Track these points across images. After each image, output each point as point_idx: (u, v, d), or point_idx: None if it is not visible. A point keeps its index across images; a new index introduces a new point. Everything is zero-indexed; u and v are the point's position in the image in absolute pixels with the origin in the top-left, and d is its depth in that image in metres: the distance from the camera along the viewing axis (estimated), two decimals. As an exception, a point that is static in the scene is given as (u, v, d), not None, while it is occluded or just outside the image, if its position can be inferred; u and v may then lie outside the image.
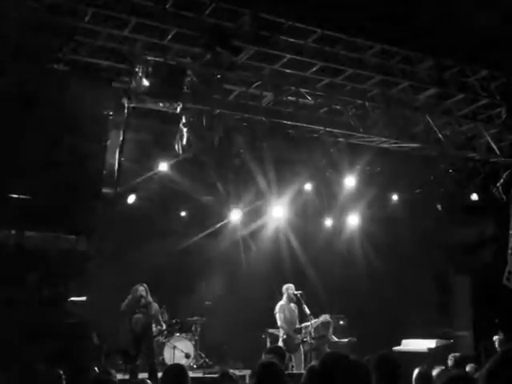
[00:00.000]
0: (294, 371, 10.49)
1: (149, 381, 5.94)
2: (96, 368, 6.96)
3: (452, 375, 4.06)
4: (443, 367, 6.73)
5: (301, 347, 11.06)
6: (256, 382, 4.50)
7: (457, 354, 7.90)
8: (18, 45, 7.72)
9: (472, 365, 7.07)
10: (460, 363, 7.12)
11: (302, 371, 8.77)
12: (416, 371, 6.06)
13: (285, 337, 10.93)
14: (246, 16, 8.46)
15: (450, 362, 7.80)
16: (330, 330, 11.77)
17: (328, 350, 11.45)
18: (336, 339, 11.81)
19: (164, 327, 11.03)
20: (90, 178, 8.36)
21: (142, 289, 10.31)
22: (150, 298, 10.37)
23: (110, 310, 10.91)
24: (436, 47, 9.65)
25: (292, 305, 11.18)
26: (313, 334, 11.48)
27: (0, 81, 7.58)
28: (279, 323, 11.04)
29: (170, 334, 12.30)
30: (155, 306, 10.47)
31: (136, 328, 10.18)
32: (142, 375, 10.23)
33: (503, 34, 9.14)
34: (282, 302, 11.14)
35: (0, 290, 7.60)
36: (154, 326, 10.65)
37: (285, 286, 11.33)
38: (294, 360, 10.84)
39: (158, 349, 11.66)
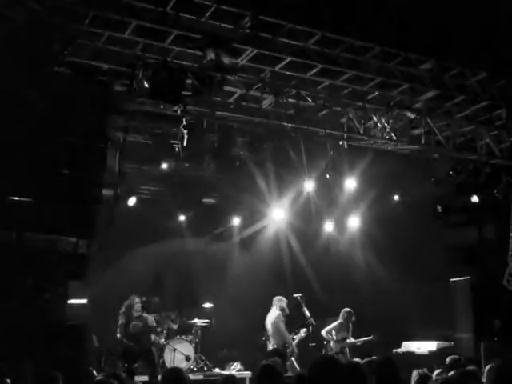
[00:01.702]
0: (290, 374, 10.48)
1: None
2: (94, 371, 6.95)
3: (447, 378, 4.06)
4: (442, 369, 6.72)
5: (292, 359, 11.01)
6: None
7: (455, 357, 7.86)
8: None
9: (472, 367, 7.04)
10: (454, 365, 7.07)
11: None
12: (415, 373, 6.06)
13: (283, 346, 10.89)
14: (246, 18, 8.47)
15: (446, 365, 7.76)
16: (350, 331, 11.75)
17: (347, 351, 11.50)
18: (354, 340, 11.77)
19: (159, 330, 11.03)
20: (91, 180, 8.36)
21: (137, 300, 10.34)
22: (142, 314, 10.41)
23: (110, 312, 10.92)
24: (436, 49, 9.65)
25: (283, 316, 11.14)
26: (335, 337, 11.52)
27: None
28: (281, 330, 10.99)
29: (167, 330, 12.29)
30: (150, 317, 10.50)
31: (134, 331, 10.20)
32: (143, 378, 10.25)
33: (504, 35, 9.14)
34: (279, 313, 11.05)
35: (0, 292, 7.60)
36: (153, 336, 10.69)
37: (276, 298, 11.25)
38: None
39: (158, 351, 11.65)
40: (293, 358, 10.93)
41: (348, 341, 11.63)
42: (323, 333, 11.59)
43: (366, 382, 4.44)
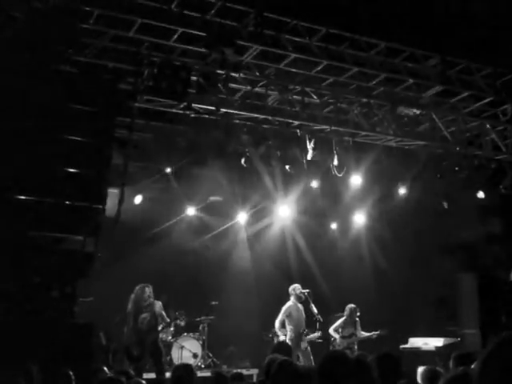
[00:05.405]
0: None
1: (144, 382, 5.94)
2: (105, 368, 6.97)
3: (453, 375, 4.06)
4: (448, 366, 6.70)
5: (308, 347, 11.07)
6: (272, 381, 4.50)
7: (462, 352, 7.83)
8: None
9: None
10: (460, 362, 7.05)
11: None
12: (421, 369, 6.04)
13: (293, 335, 10.92)
14: (251, 15, 8.47)
15: (451, 361, 7.73)
16: (358, 326, 11.75)
17: (355, 347, 11.51)
18: (365, 334, 11.77)
19: (168, 320, 11.01)
20: (97, 179, 8.37)
21: (147, 290, 10.33)
22: (151, 300, 10.41)
23: (116, 310, 10.94)
24: (441, 45, 9.64)
25: (299, 305, 11.18)
26: (342, 333, 11.54)
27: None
28: (276, 325, 11.03)
29: (175, 327, 12.29)
30: (158, 303, 10.49)
31: (142, 327, 10.20)
32: (151, 375, 10.27)
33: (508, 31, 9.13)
34: (290, 303, 11.12)
35: (8, 290, 7.63)
36: (160, 323, 10.65)
37: (291, 287, 11.30)
38: (302, 359, 10.82)
39: (166, 348, 11.67)
40: (309, 348, 11.00)
41: (355, 336, 11.64)
42: (331, 331, 11.62)
43: (372, 376, 4.47)
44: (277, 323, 11.04)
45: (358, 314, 11.76)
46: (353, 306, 11.73)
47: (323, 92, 10.56)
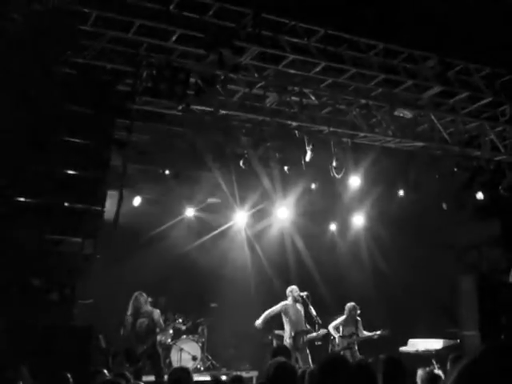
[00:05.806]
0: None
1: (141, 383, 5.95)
2: (105, 371, 6.96)
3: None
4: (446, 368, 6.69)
5: (306, 348, 11.02)
6: (271, 383, 4.48)
7: (457, 355, 7.82)
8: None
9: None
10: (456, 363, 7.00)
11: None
12: (420, 371, 6.01)
13: (290, 335, 10.88)
14: (249, 16, 8.46)
15: (448, 363, 7.73)
16: (360, 326, 11.71)
17: (356, 348, 11.47)
18: (367, 334, 11.72)
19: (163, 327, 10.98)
20: (96, 181, 8.36)
21: (142, 298, 10.34)
22: (149, 307, 10.42)
23: (116, 312, 10.92)
24: (440, 45, 9.63)
25: (298, 305, 11.14)
26: (342, 333, 11.50)
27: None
28: (266, 312, 11.00)
29: (174, 330, 12.26)
30: (157, 311, 10.50)
31: (140, 330, 10.19)
32: (150, 378, 10.25)
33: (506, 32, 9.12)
34: (287, 302, 11.09)
35: (7, 293, 7.60)
36: (158, 331, 10.64)
37: (288, 289, 11.25)
38: (300, 361, 10.79)
39: (165, 351, 11.65)
40: (307, 349, 10.94)
41: (356, 336, 11.58)
42: (330, 328, 11.57)
43: (376, 382, 4.42)
44: (267, 312, 11.01)
45: (359, 311, 11.73)
46: (352, 304, 11.71)
47: (322, 93, 10.53)
